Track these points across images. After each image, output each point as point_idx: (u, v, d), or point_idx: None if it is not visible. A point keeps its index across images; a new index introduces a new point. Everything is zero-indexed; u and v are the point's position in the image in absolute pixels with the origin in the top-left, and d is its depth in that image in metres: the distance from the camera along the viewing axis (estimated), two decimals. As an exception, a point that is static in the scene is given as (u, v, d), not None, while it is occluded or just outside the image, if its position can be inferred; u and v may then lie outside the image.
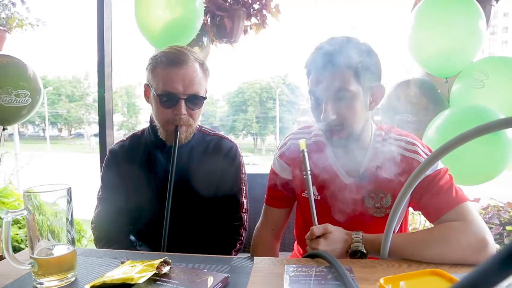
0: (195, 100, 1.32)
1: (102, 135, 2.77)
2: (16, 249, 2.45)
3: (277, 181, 1.33)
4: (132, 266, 0.88)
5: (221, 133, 1.54)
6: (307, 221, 1.17)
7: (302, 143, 1.13)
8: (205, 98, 1.35)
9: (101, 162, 2.77)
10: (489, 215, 2.60)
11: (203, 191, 1.39)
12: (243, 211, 1.45)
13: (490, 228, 2.53)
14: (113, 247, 1.34)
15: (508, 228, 2.50)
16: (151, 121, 1.44)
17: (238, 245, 1.41)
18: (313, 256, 1.00)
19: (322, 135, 1.23)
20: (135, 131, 1.55)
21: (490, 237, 0.97)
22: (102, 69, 2.78)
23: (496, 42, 44.70)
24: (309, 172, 1.11)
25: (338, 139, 1.13)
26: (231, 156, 1.45)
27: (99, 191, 1.49)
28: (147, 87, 1.36)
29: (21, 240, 2.52)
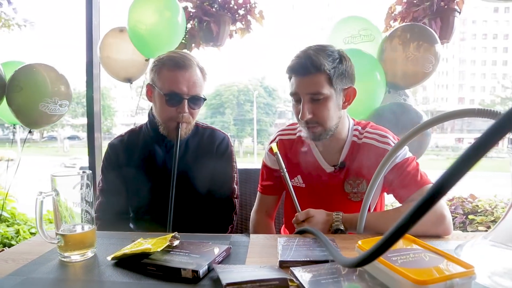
0: (197, 101, 1.45)
1: (90, 135, 2.83)
2: (7, 246, 2.48)
3: (268, 173, 1.52)
4: (145, 241, 1.01)
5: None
6: (294, 207, 1.33)
7: (274, 147, 1.34)
8: (205, 99, 1.49)
9: (90, 163, 2.84)
10: (454, 206, 2.83)
11: (199, 178, 1.52)
12: (235, 196, 1.60)
13: (455, 217, 2.77)
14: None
15: (470, 217, 2.74)
16: (150, 117, 1.55)
17: (229, 228, 1.55)
18: (301, 232, 1.16)
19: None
20: (133, 127, 1.65)
21: (447, 213, 1.14)
22: (90, 70, 2.84)
23: (465, 48, 46.50)
24: (285, 170, 1.30)
25: (314, 134, 1.31)
26: (224, 146, 1.60)
27: (99, 183, 1.58)
28: (150, 87, 1.48)
29: (11, 237, 2.56)
